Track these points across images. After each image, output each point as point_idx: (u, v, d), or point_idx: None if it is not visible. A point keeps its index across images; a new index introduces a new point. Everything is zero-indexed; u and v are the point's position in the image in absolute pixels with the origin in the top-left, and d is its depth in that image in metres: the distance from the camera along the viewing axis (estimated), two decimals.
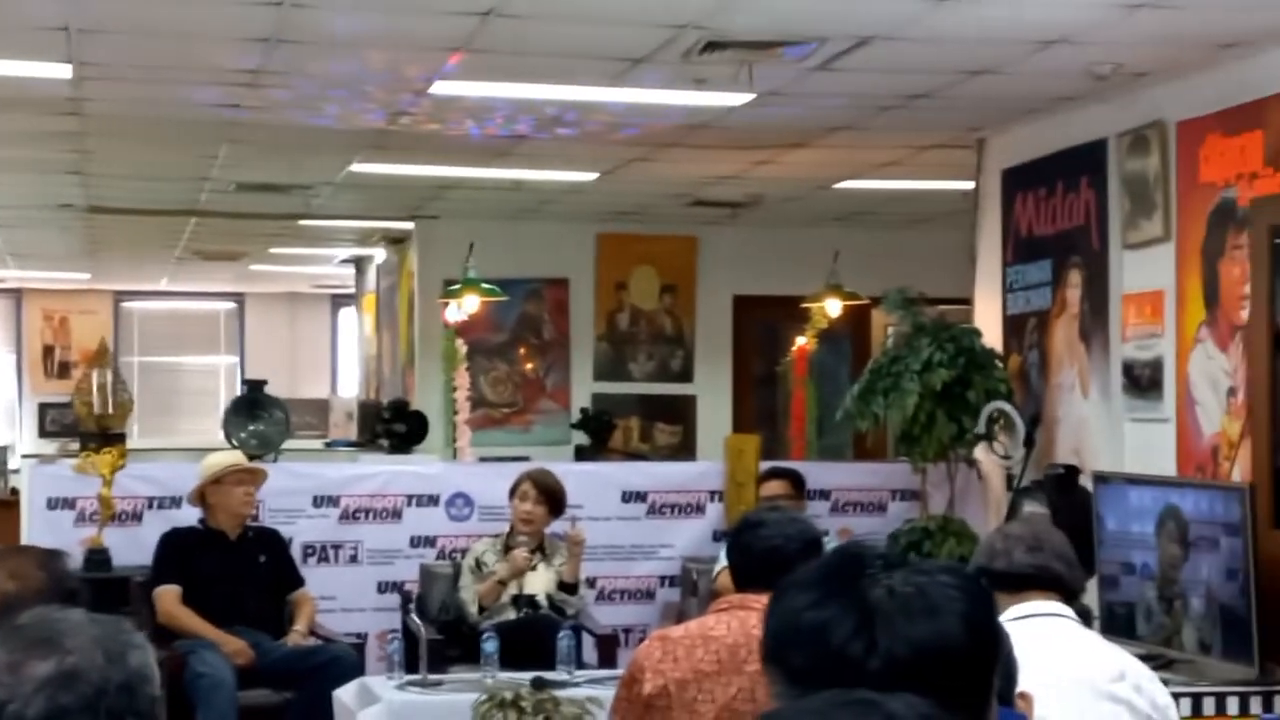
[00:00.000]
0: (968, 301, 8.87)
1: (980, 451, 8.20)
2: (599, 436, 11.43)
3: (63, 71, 6.93)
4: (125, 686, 1.90)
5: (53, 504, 8.13)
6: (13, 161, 9.67)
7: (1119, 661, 3.64)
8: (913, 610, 1.71)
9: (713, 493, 8.75)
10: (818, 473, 8.76)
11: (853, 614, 1.69)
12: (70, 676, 1.88)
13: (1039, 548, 3.73)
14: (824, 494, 8.75)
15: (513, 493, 7.78)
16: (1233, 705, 5.88)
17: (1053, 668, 3.43)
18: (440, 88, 7.28)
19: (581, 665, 6.98)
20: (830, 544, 7.63)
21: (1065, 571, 3.73)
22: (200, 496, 7.69)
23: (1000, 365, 8.13)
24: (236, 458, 7.90)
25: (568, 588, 7.58)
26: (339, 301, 18.97)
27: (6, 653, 1.90)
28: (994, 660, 1.77)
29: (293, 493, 8.34)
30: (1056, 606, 3.68)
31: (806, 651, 1.69)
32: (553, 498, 7.72)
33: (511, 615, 7.48)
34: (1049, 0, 5.79)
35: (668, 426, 12.34)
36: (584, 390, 12.13)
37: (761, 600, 4.10)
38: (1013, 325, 8.30)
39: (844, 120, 8.03)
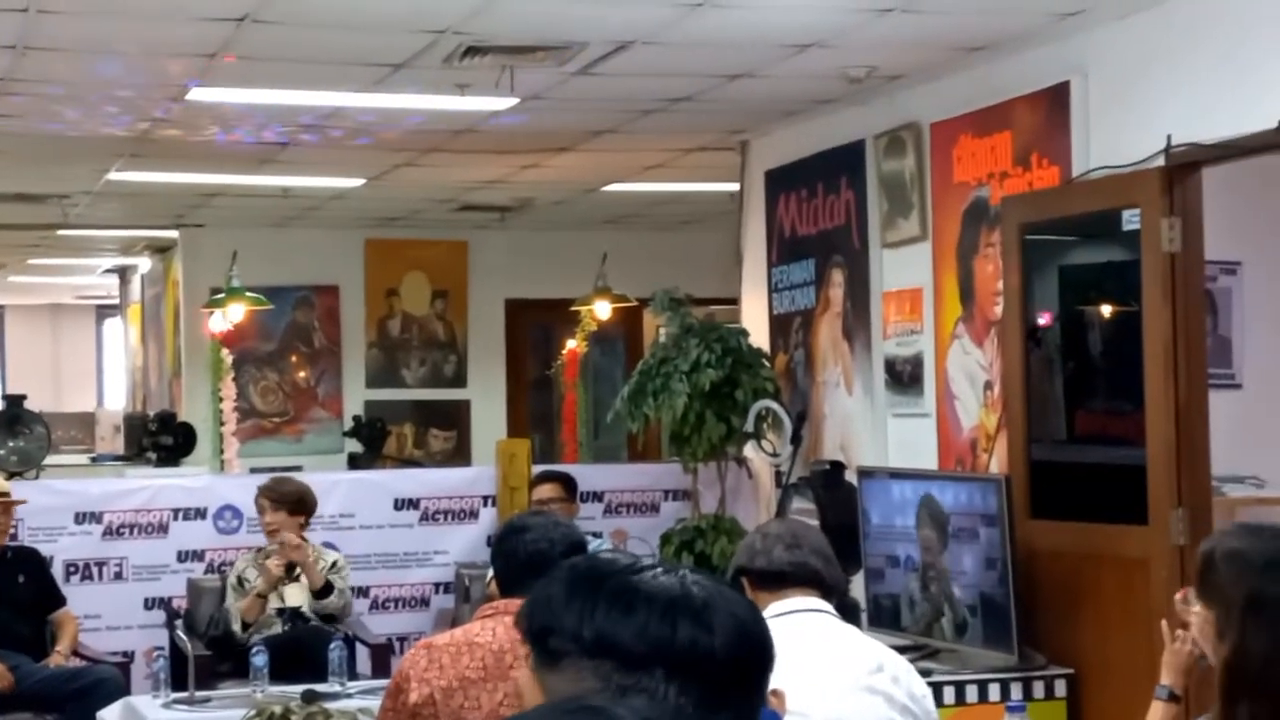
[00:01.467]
0: (735, 302, 8.98)
1: (749, 450, 8.31)
2: (372, 444, 11.35)
3: None
4: None
5: None
6: None
7: (876, 654, 3.71)
8: (726, 597, 1.84)
9: (486, 498, 8.73)
10: (590, 475, 8.79)
11: (683, 605, 1.81)
12: None
13: (797, 545, 3.78)
14: (597, 496, 8.80)
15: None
16: (994, 692, 6.04)
17: (810, 662, 3.48)
18: (198, 94, 7.15)
19: (355, 676, 6.91)
20: (602, 546, 7.68)
21: (823, 567, 3.79)
22: None
23: (767, 364, 8.24)
24: None
25: (318, 593, 7.46)
26: (104, 312, 18.55)
27: None
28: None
29: (53, 510, 8.13)
30: (815, 602, 3.73)
31: (648, 643, 1.78)
32: (289, 502, 7.57)
33: (278, 629, 7.37)
34: (801, 5, 5.89)
35: (442, 432, 12.29)
36: (356, 398, 12.03)
37: None
38: (779, 324, 8.43)
39: (608, 124, 8.07)
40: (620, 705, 1.49)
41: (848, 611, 4.64)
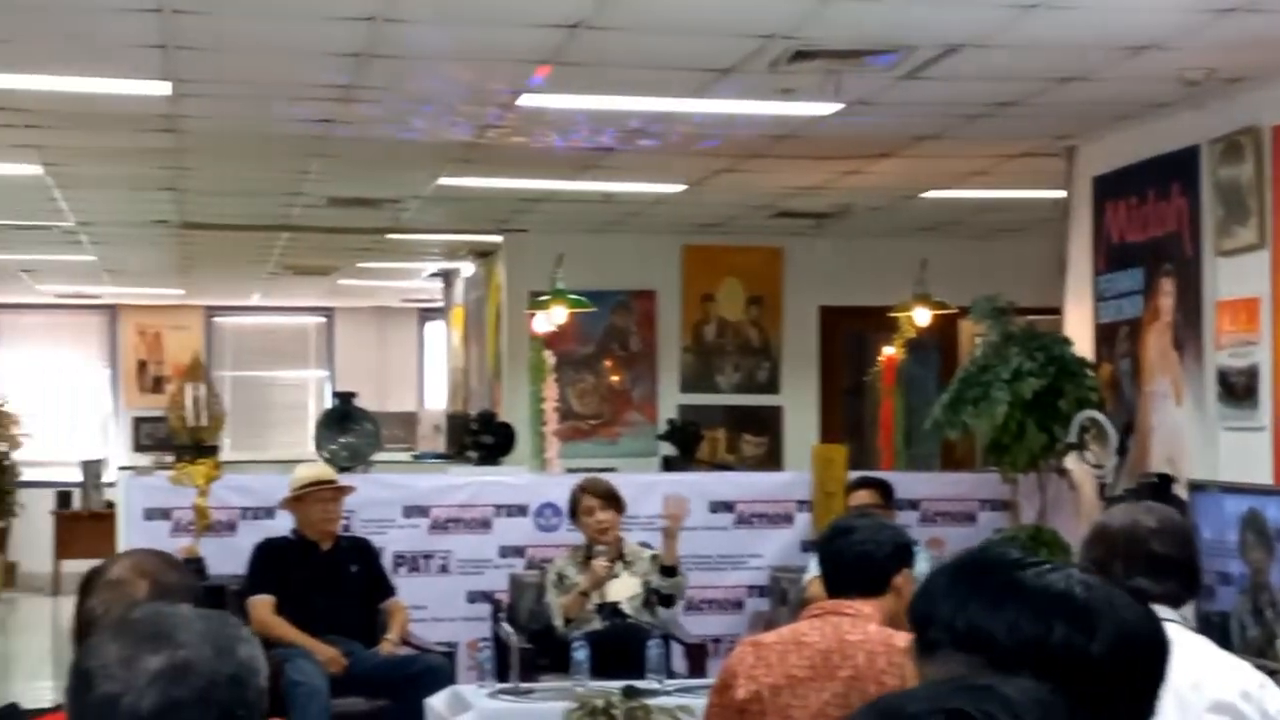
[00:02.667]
0: (1055, 312, 8.82)
1: (1072, 461, 8.15)
2: (686, 448, 11.44)
3: (161, 89, 7.04)
4: (235, 679, 1.94)
5: (149, 514, 8.26)
6: (111, 178, 9.81)
7: (1226, 667, 3.58)
8: (1115, 601, 1.80)
9: (800, 502, 8.74)
10: (906, 482, 8.73)
11: (1062, 604, 1.78)
12: (181, 669, 1.92)
13: (1167, 561, 3.61)
14: (913, 504, 8.74)
15: (574, 511, 7.78)
16: None
17: None
18: (528, 100, 7.32)
19: (672, 674, 6.98)
20: (919, 554, 7.61)
21: (1180, 589, 3.67)
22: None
23: (1091, 374, 8.07)
24: (317, 473, 7.90)
25: (667, 570, 7.56)
26: (426, 315, 19.08)
27: (120, 647, 1.94)
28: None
29: (383, 503, 8.42)
30: (1166, 612, 3.62)
31: (1018, 640, 1.76)
32: (613, 498, 7.72)
33: (597, 625, 7.48)
34: (1138, 6, 5.76)
35: (754, 438, 12.34)
36: (670, 402, 12.16)
37: (854, 605, 4.12)
38: (1104, 334, 8.25)
39: (932, 129, 8.01)
40: (1008, 684, 1.48)
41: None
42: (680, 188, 10.00)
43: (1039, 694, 1.47)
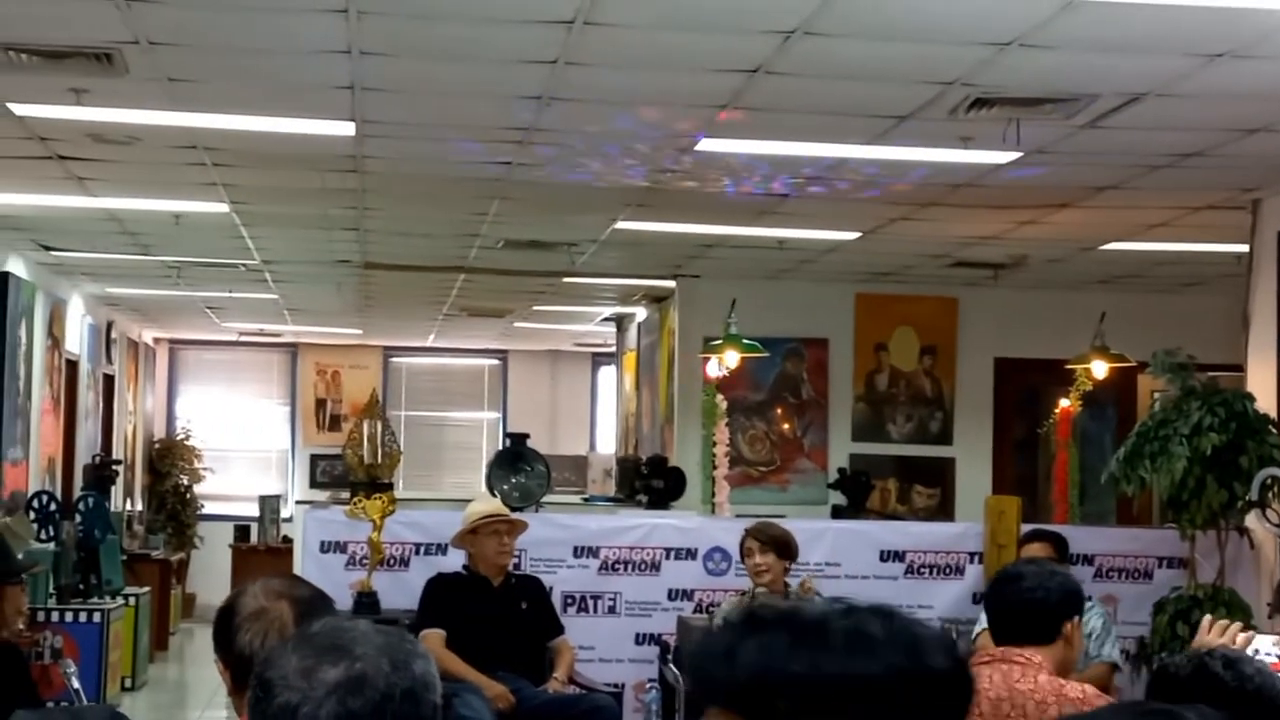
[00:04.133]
0: (1237, 368, 8.64)
1: (1252, 519, 7.97)
2: (856, 497, 11.35)
3: (346, 129, 7.20)
4: (409, 693, 1.98)
5: (325, 547, 8.41)
6: (295, 218, 10.04)
7: None
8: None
9: (972, 554, 8.65)
10: (1081, 537, 8.60)
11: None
12: (359, 682, 1.96)
13: None
14: (1088, 559, 8.60)
15: (741, 554, 7.81)
16: None
17: None
18: (706, 145, 7.36)
19: None
20: (1092, 609, 7.48)
21: None
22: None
23: (1274, 431, 7.89)
24: (492, 507, 7.96)
25: None
26: (599, 360, 19.23)
27: (300, 658, 1.99)
28: None
29: (554, 543, 8.49)
30: None
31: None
32: (779, 545, 7.69)
33: None
34: None
35: (925, 489, 12.24)
36: (841, 450, 12.11)
37: (1024, 654, 4.07)
38: None
39: (1112, 179, 7.92)
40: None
41: None
42: (854, 235, 9.98)
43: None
